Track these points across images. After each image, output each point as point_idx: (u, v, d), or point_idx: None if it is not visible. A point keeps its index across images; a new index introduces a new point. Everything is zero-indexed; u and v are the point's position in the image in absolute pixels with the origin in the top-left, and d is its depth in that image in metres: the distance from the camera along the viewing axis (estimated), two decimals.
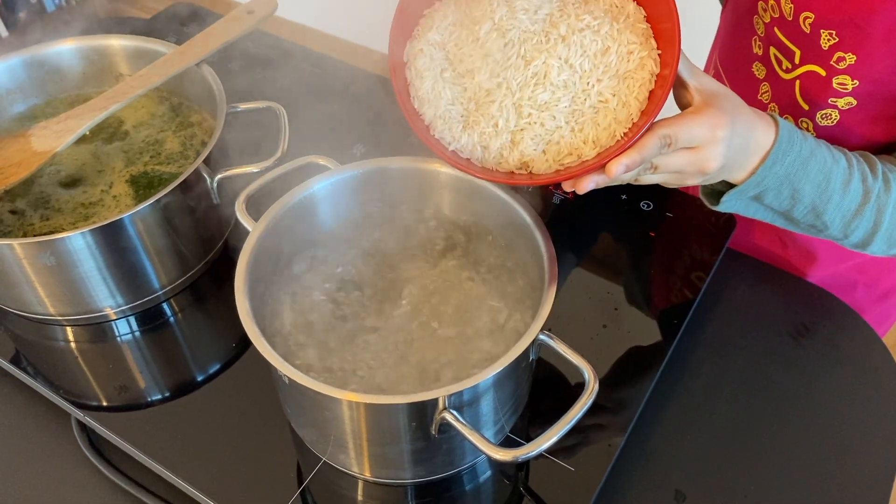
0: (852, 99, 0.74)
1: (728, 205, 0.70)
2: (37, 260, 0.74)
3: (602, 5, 0.62)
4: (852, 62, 0.71)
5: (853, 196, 0.68)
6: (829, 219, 0.69)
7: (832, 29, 0.71)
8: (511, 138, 0.60)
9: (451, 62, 0.62)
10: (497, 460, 0.58)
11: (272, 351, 0.60)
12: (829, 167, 0.67)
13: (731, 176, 0.66)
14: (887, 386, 0.80)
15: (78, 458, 0.76)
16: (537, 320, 0.61)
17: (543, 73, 0.59)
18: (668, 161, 0.61)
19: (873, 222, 0.70)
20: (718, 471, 0.74)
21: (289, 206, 0.72)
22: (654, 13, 0.61)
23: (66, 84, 0.96)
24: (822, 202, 0.68)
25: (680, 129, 0.59)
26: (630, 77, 0.59)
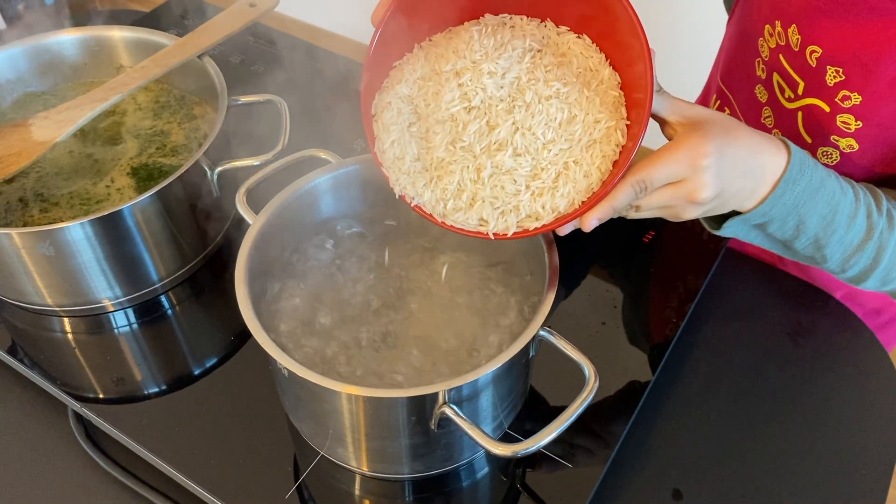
0: (854, 142, 0.72)
1: (729, 230, 0.67)
2: (35, 250, 0.74)
3: (575, 68, 0.60)
4: (857, 102, 0.69)
5: (857, 231, 0.66)
6: (829, 252, 0.67)
7: (839, 66, 0.68)
8: (470, 199, 0.60)
9: (420, 116, 0.61)
10: (497, 455, 0.58)
11: (272, 343, 0.60)
12: (837, 200, 0.64)
13: (742, 205, 0.62)
14: (884, 386, 0.80)
15: (74, 450, 0.76)
16: (538, 316, 0.61)
17: (506, 141, 0.58)
18: (650, 201, 0.59)
19: (872, 259, 0.68)
20: (716, 469, 0.74)
21: (290, 200, 0.72)
22: (629, 80, 0.59)
23: (66, 74, 0.96)
24: (826, 235, 0.65)
25: (652, 171, 0.57)
26: (594, 146, 0.58)
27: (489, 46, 0.61)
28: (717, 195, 0.59)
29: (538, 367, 0.76)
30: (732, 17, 0.89)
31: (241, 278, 0.65)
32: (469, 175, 0.59)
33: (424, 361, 0.68)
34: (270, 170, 0.75)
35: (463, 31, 0.63)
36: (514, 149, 0.58)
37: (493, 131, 0.59)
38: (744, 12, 0.83)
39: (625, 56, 0.59)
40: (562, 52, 0.61)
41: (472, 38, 0.61)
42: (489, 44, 0.61)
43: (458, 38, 0.62)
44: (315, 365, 0.68)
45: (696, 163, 0.57)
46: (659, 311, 0.83)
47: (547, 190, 0.59)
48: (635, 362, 0.79)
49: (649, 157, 0.58)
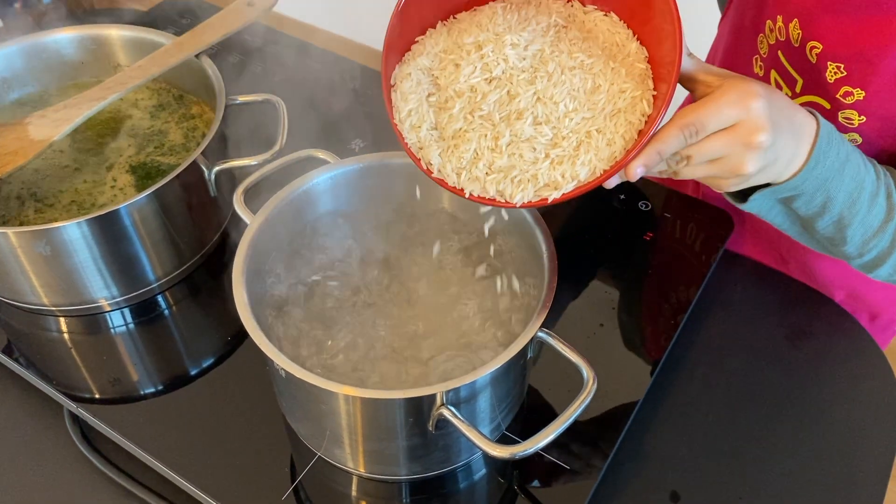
0: (857, 136, 0.71)
1: (755, 203, 0.64)
2: (32, 249, 0.73)
3: (601, 42, 0.60)
4: (860, 98, 0.68)
5: (878, 212, 0.65)
6: (850, 233, 0.65)
7: (840, 62, 0.67)
8: (487, 168, 0.59)
9: (440, 87, 0.61)
10: (495, 457, 0.58)
11: (269, 344, 0.60)
12: (862, 177, 0.63)
13: (784, 170, 0.60)
14: (882, 388, 0.80)
15: (70, 450, 0.75)
16: (537, 318, 0.61)
17: (527, 109, 0.58)
18: (702, 149, 0.55)
19: (890, 242, 0.66)
20: (713, 471, 0.73)
21: (288, 199, 0.72)
22: (657, 56, 0.58)
23: (63, 73, 0.95)
24: (850, 215, 0.64)
25: (703, 112, 0.53)
26: (619, 115, 0.57)
27: (513, 21, 0.60)
28: (772, 144, 0.55)
29: (536, 369, 0.76)
30: (726, 17, 0.88)
31: (238, 278, 0.64)
32: (486, 143, 0.58)
33: (423, 362, 0.68)
34: (268, 170, 0.75)
35: (487, 8, 0.63)
36: (535, 117, 0.57)
37: (514, 100, 0.58)
38: (741, 9, 0.82)
39: (654, 34, 0.58)
40: (588, 28, 0.61)
41: (496, 13, 0.61)
42: (513, 18, 0.61)
43: (481, 14, 0.62)
44: (312, 365, 0.68)
45: (748, 103, 0.54)
46: (657, 313, 0.83)
47: (567, 158, 0.57)
48: (633, 364, 0.79)
49: (697, 102, 0.55)
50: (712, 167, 0.57)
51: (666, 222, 0.91)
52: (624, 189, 0.94)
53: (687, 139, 0.54)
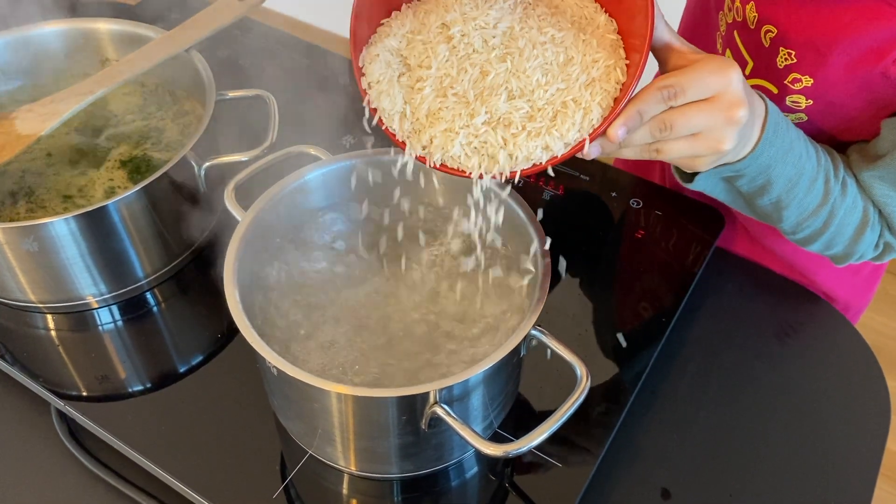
0: (804, 115, 0.72)
1: (700, 183, 0.66)
2: (19, 245, 0.73)
3: (570, 16, 0.60)
4: (808, 85, 0.69)
5: (815, 196, 0.67)
6: (787, 214, 0.68)
7: (792, 49, 0.68)
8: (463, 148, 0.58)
9: (410, 68, 0.60)
10: (488, 455, 0.58)
11: (261, 341, 0.59)
12: (803, 163, 0.65)
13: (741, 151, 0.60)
14: (870, 385, 0.81)
15: (57, 448, 0.75)
16: (530, 316, 0.61)
17: (500, 84, 0.57)
18: (684, 119, 0.54)
19: (823, 223, 0.70)
20: (704, 469, 0.74)
21: (279, 196, 0.71)
22: (627, 28, 0.58)
23: (50, 67, 0.94)
24: (788, 198, 0.67)
25: (685, 77, 0.52)
26: (594, 84, 0.57)
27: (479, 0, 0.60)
28: (748, 120, 0.55)
29: (529, 367, 0.76)
30: None
31: (229, 275, 0.64)
32: (461, 122, 0.58)
33: (415, 360, 0.68)
34: (259, 166, 0.74)
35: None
36: (509, 92, 0.57)
37: (487, 78, 0.58)
38: None
39: (627, 7, 0.58)
40: (555, 3, 0.61)
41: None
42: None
43: None
44: (304, 363, 0.67)
45: (727, 75, 0.53)
46: (648, 310, 0.83)
47: (545, 129, 0.56)
48: (625, 361, 0.79)
49: (677, 70, 0.54)
50: (693, 143, 0.56)
51: (657, 220, 0.91)
52: (615, 187, 0.94)
53: (666, 100, 0.53)
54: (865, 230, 0.71)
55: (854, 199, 0.70)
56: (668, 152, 0.57)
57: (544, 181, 0.94)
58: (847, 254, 0.74)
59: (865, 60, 0.64)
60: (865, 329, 0.87)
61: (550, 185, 0.94)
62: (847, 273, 0.92)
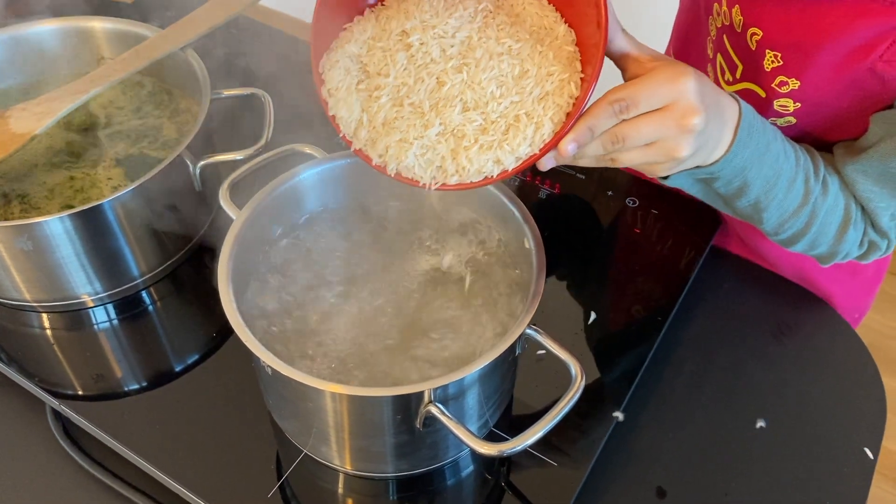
0: (792, 118, 0.72)
1: (675, 181, 0.66)
2: (13, 244, 0.72)
3: (529, 26, 0.59)
4: (795, 87, 0.69)
5: (794, 196, 0.67)
6: (767, 215, 0.68)
7: (778, 51, 0.68)
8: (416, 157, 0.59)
9: (369, 75, 0.60)
10: (483, 454, 0.58)
11: (256, 341, 0.59)
12: (780, 164, 0.65)
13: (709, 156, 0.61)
14: (866, 384, 0.81)
15: (53, 448, 0.75)
16: (525, 315, 0.61)
17: (455, 96, 0.57)
18: (636, 131, 0.54)
19: (805, 224, 0.69)
20: (699, 467, 0.74)
21: (274, 195, 0.71)
22: (585, 38, 0.58)
23: (45, 65, 0.94)
24: (767, 199, 0.66)
25: (633, 89, 0.53)
26: (547, 98, 0.57)
27: (440, 7, 0.60)
28: (704, 127, 0.55)
29: (524, 365, 0.76)
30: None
31: (223, 275, 0.64)
32: (415, 133, 0.58)
33: (409, 359, 0.68)
34: (254, 164, 0.74)
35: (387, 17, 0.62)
36: (464, 103, 0.57)
37: (443, 88, 0.58)
38: None
39: (581, 16, 0.58)
40: (516, 12, 0.61)
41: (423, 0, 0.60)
42: (440, 4, 0.60)
43: (408, 1, 0.61)
44: (299, 362, 0.67)
45: (681, 84, 0.53)
46: (644, 309, 0.83)
47: (496, 143, 0.57)
48: (620, 360, 0.79)
49: (629, 81, 0.55)
50: (648, 151, 0.56)
51: (653, 219, 0.91)
52: (611, 185, 0.94)
53: (617, 114, 0.53)
54: (848, 228, 0.71)
55: (836, 198, 0.69)
56: (623, 161, 0.57)
57: (540, 179, 0.94)
58: (832, 253, 0.74)
59: (852, 58, 0.64)
60: (862, 328, 0.87)
61: (547, 184, 0.93)
62: (846, 275, 0.92)
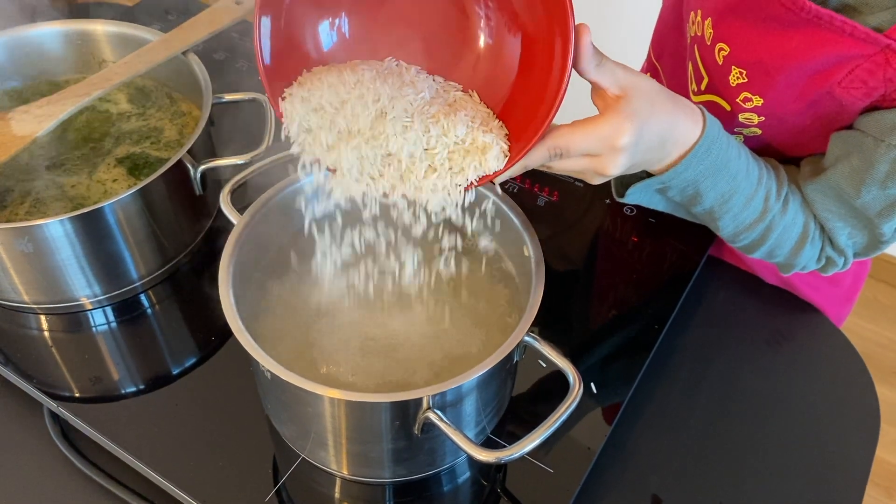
0: (757, 130, 0.75)
1: (633, 197, 0.71)
2: (13, 246, 0.73)
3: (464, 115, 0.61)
4: (759, 104, 0.71)
5: (751, 212, 0.70)
6: (722, 224, 0.72)
7: (743, 68, 0.70)
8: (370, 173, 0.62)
9: (323, 108, 0.62)
10: (480, 461, 0.58)
11: (255, 345, 0.60)
12: (738, 182, 0.68)
13: (649, 169, 0.66)
14: (860, 393, 0.82)
15: (50, 450, 0.75)
16: (524, 322, 0.61)
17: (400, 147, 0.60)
18: (563, 165, 0.61)
19: (760, 236, 0.72)
20: (695, 475, 0.74)
21: (275, 200, 0.72)
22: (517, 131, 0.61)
23: (47, 68, 0.94)
24: (721, 211, 0.70)
25: (571, 140, 0.59)
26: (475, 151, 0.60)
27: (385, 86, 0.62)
28: (626, 170, 0.62)
29: (522, 373, 0.76)
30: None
31: (224, 279, 0.64)
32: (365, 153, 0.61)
33: (409, 365, 0.68)
34: (255, 169, 0.74)
35: (349, 71, 0.63)
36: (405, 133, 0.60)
37: (385, 118, 0.60)
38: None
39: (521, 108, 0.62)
40: (450, 102, 0.63)
41: (363, 81, 0.62)
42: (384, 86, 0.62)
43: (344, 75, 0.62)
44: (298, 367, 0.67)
45: (615, 143, 0.59)
46: (641, 317, 0.83)
47: (445, 171, 0.61)
48: (617, 368, 0.79)
49: (571, 126, 0.59)
50: (576, 169, 0.62)
51: (651, 227, 0.92)
52: (610, 193, 0.95)
53: (551, 157, 0.60)
54: (805, 244, 0.74)
55: (794, 216, 0.72)
56: (556, 170, 0.63)
57: (538, 187, 0.94)
58: (789, 265, 0.77)
59: (813, 81, 0.66)
60: (856, 337, 0.88)
61: (545, 191, 0.94)
62: (826, 285, 0.93)
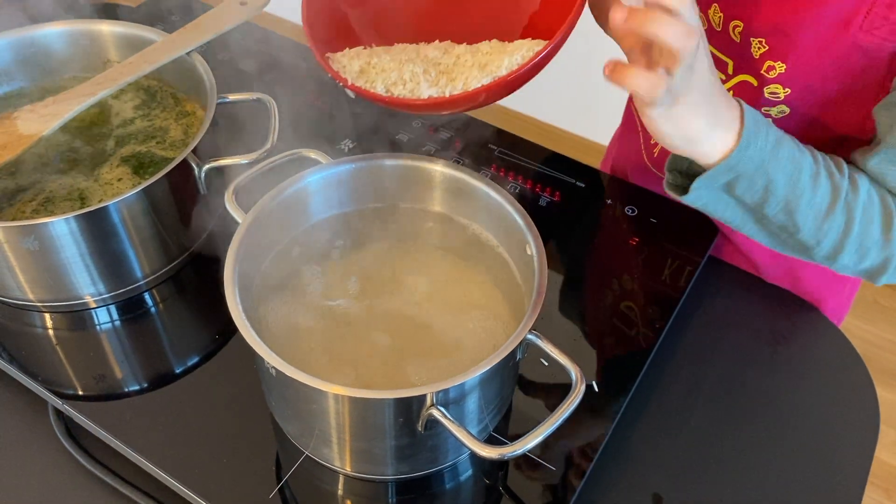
0: (785, 107, 0.73)
1: (697, 194, 0.66)
2: (19, 244, 0.73)
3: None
4: (782, 71, 0.69)
5: (823, 193, 0.65)
6: (801, 218, 0.66)
7: (762, 37, 0.69)
8: (413, 73, 0.63)
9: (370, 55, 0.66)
10: (484, 458, 0.59)
11: (261, 342, 0.60)
12: (798, 157, 0.64)
13: (710, 148, 0.61)
14: (860, 394, 0.82)
15: (55, 447, 0.75)
16: (527, 320, 0.62)
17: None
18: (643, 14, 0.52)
19: (844, 222, 0.67)
20: (696, 474, 0.75)
21: (280, 199, 0.72)
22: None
23: (52, 68, 0.95)
24: (795, 197, 0.65)
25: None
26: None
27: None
28: (691, 64, 0.54)
29: (525, 370, 0.77)
30: None
31: (229, 276, 0.64)
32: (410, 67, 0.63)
33: (412, 362, 0.68)
34: (259, 168, 0.75)
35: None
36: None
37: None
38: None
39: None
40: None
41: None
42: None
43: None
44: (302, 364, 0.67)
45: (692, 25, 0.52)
46: (642, 318, 0.84)
47: (495, 54, 0.62)
48: (619, 367, 0.80)
49: None
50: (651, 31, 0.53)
51: (651, 228, 0.92)
52: (611, 194, 0.95)
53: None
54: (893, 222, 0.67)
55: (869, 192, 0.67)
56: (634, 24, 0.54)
57: (540, 187, 0.95)
58: (886, 258, 0.69)
59: (833, 33, 0.64)
60: (855, 339, 0.88)
61: (547, 192, 0.94)
62: (834, 280, 0.93)
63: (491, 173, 0.96)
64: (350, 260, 0.76)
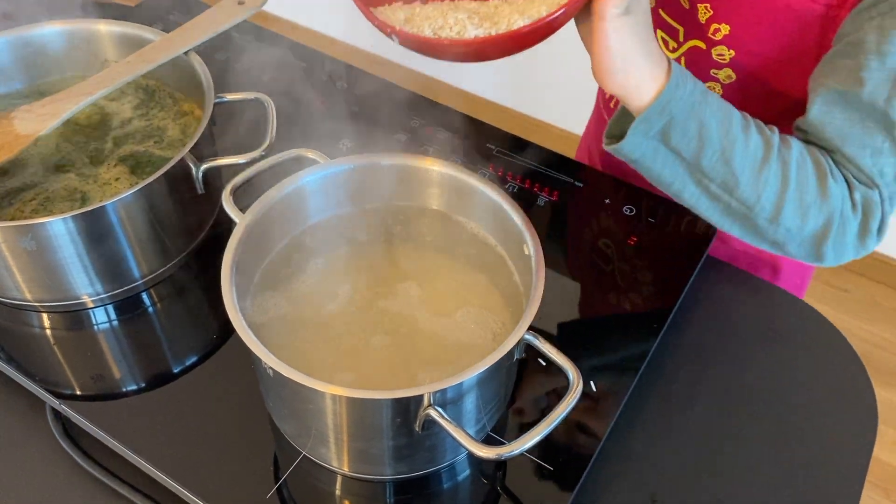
0: (731, 72, 0.77)
1: (634, 140, 0.65)
2: (17, 244, 0.73)
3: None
4: (727, 32, 0.75)
5: (756, 143, 0.65)
6: (738, 167, 0.65)
7: (707, 2, 0.75)
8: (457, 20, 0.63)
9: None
10: (481, 458, 0.59)
11: (258, 343, 0.60)
12: (726, 107, 0.65)
13: (639, 88, 0.62)
14: (858, 394, 0.82)
15: (52, 447, 0.75)
16: (524, 320, 0.62)
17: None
18: None
19: (781, 174, 0.66)
20: (693, 475, 0.75)
21: (278, 198, 0.72)
22: None
23: (50, 67, 0.94)
24: (730, 143, 0.64)
25: None
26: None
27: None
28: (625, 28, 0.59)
29: (521, 370, 0.77)
30: None
31: (226, 276, 0.64)
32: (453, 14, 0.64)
33: (409, 363, 0.68)
34: (257, 168, 0.75)
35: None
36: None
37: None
38: None
39: None
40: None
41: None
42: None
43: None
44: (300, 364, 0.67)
45: None
46: (640, 317, 0.84)
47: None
48: (616, 367, 0.80)
49: None
50: None
51: (650, 227, 0.92)
52: (609, 194, 0.95)
53: None
54: (827, 180, 0.67)
55: (801, 151, 0.67)
56: None
57: (538, 187, 0.95)
58: (828, 218, 0.68)
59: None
60: (854, 338, 0.88)
61: (545, 192, 0.94)
62: None
63: (489, 173, 0.96)
64: (348, 260, 0.76)
